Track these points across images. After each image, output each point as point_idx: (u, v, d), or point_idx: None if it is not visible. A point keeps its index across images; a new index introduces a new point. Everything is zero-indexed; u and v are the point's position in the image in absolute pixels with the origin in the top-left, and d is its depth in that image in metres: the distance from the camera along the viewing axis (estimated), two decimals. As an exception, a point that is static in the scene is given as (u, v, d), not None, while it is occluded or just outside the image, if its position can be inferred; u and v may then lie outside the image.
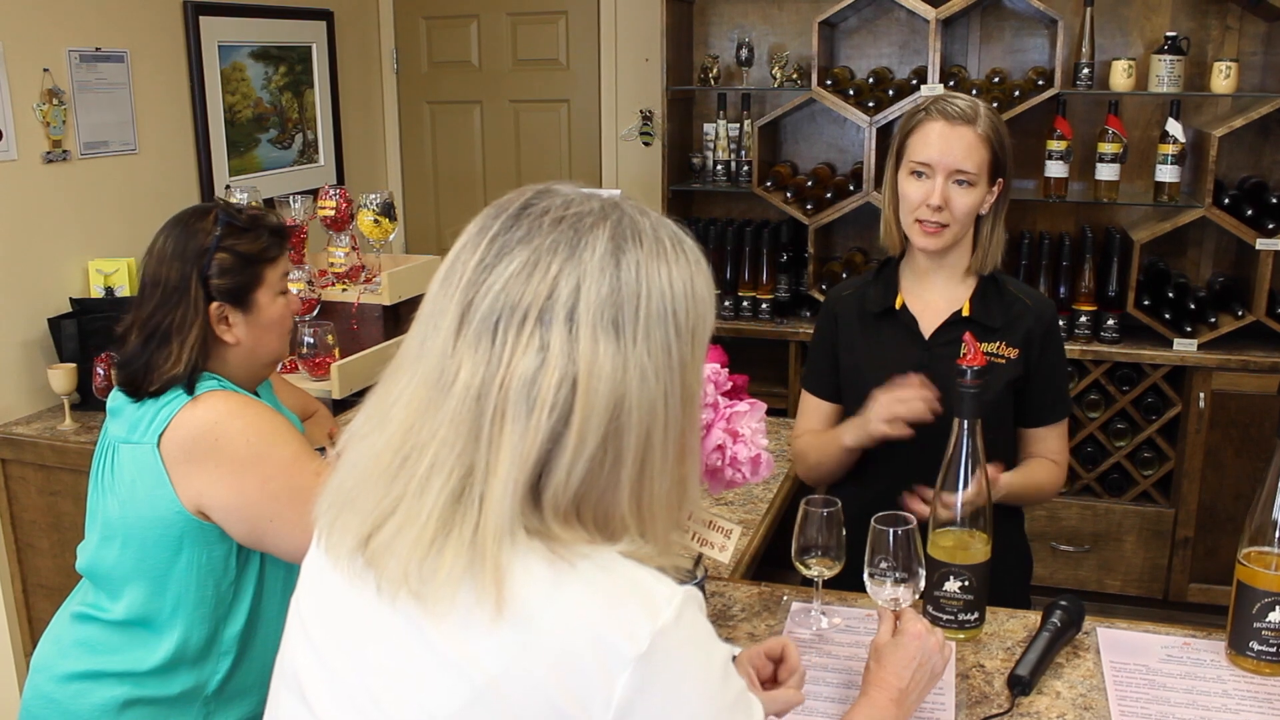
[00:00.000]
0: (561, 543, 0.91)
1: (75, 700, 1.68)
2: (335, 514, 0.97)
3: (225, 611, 1.72)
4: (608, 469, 0.91)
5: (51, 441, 2.83)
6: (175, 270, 1.70)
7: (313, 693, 1.00)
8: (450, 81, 4.69)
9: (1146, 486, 3.72)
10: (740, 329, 3.94)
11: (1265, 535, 1.47)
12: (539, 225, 0.93)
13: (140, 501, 1.67)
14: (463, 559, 0.89)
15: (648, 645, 0.88)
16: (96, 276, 3.12)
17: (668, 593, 0.91)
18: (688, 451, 0.98)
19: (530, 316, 0.89)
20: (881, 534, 1.47)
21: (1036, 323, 1.94)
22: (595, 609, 0.90)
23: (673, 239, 0.97)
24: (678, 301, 0.93)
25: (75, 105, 3.09)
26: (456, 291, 0.93)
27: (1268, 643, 1.48)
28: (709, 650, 0.94)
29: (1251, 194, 3.58)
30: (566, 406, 0.89)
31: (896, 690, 1.31)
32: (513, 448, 0.89)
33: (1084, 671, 1.52)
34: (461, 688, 0.90)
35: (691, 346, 0.95)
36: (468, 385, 0.90)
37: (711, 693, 0.93)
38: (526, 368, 0.89)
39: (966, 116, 1.84)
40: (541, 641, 0.89)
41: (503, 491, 0.89)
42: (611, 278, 0.91)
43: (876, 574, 1.47)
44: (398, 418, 0.93)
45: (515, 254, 0.92)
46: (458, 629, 0.90)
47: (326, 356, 2.76)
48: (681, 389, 0.94)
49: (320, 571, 1.04)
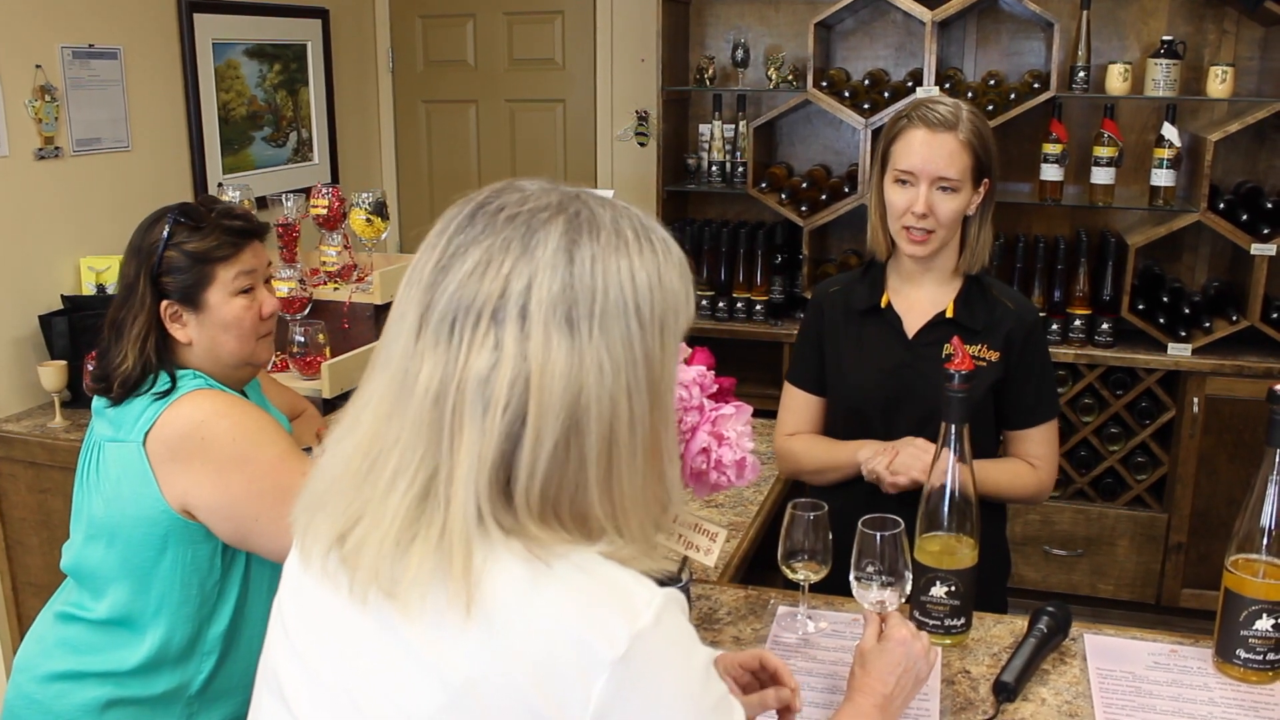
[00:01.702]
0: (539, 543, 0.90)
1: (57, 700, 1.68)
2: (309, 517, 0.97)
3: (209, 611, 1.71)
4: (573, 467, 0.90)
5: (42, 439, 2.83)
6: (130, 268, 1.71)
7: (292, 694, 1.00)
8: (446, 81, 4.69)
9: (1140, 491, 3.72)
10: (734, 330, 3.94)
11: (1253, 542, 1.47)
12: (493, 223, 0.92)
13: (125, 500, 1.66)
14: (429, 561, 0.89)
15: (626, 649, 0.87)
16: (88, 274, 3.12)
17: (647, 595, 0.91)
18: (663, 448, 0.97)
19: (484, 316, 0.89)
20: (869, 538, 1.46)
21: (1018, 325, 1.94)
22: (572, 611, 0.89)
23: (637, 230, 0.94)
24: (640, 294, 0.92)
25: (68, 102, 3.09)
26: (416, 293, 0.93)
27: (1255, 651, 1.47)
28: (689, 653, 0.93)
29: (1247, 199, 3.58)
30: (521, 404, 0.88)
31: (881, 696, 1.30)
32: (470, 448, 0.88)
33: (1070, 678, 1.51)
34: (438, 690, 0.90)
35: (660, 340, 0.94)
36: (427, 387, 0.90)
37: (692, 696, 0.92)
38: (481, 367, 0.88)
39: (948, 123, 1.84)
40: (518, 645, 0.88)
41: (465, 493, 0.89)
42: (564, 273, 0.90)
43: (863, 577, 1.47)
44: (366, 421, 0.94)
45: (470, 253, 0.91)
46: (431, 630, 0.90)
47: (317, 355, 2.75)
48: (648, 384, 0.93)
49: (299, 574, 1.03)
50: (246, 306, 1.74)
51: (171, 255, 1.69)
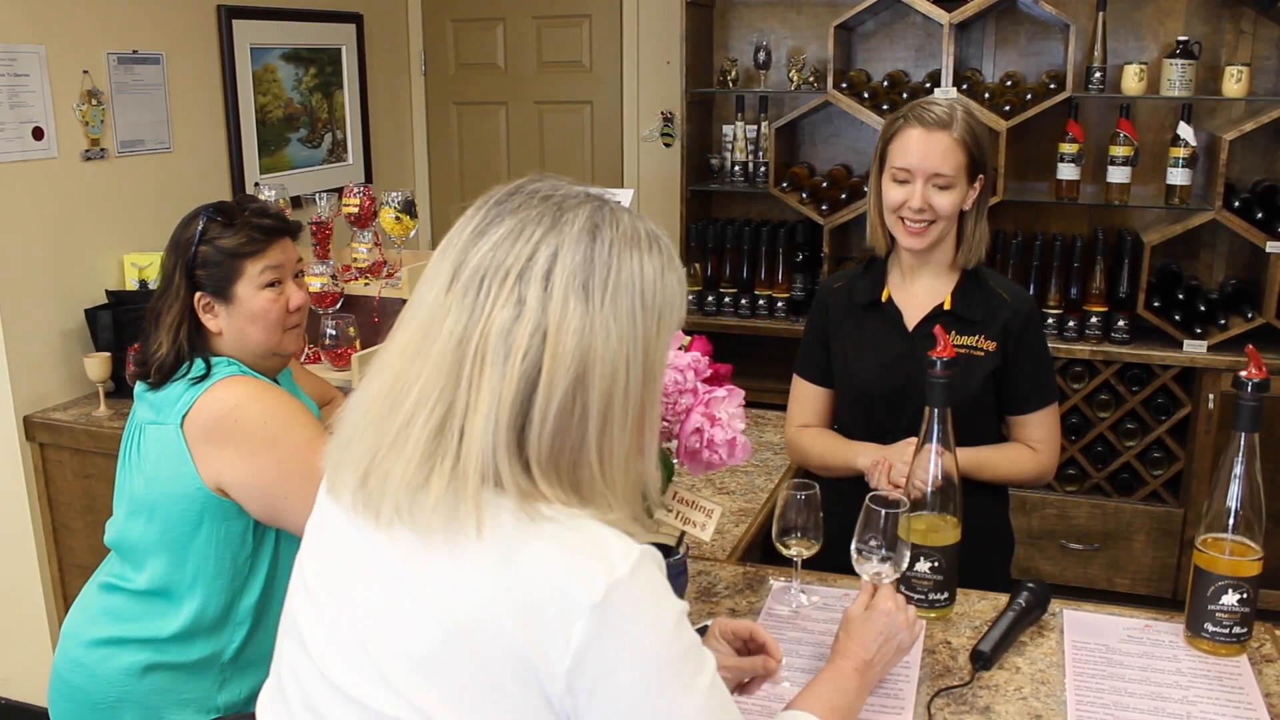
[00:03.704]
0: (534, 500, 1.01)
1: (101, 665, 1.78)
2: (339, 454, 1.09)
3: (241, 583, 1.82)
4: (576, 419, 1.01)
5: (87, 427, 2.95)
6: (169, 261, 1.83)
7: (309, 635, 1.11)
8: (476, 83, 4.80)
9: (1156, 486, 3.76)
10: (756, 327, 4.02)
11: (1221, 522, 1.54)
12: (529, 201, 1.05)
13: (164, 479, 1.77)
14: (446, 491, 1.00)
15: (603, 596, 0.97)
16: (131, 270, 3.25)
17: (625, 549, 1.01)
18: (647, 424, 1.08)
19: (511, 275, 1.01)
20: (874, 513, 1.53)
21: (1014, 316, 2.02)
22: (557, 560, 0.99)
23: (649, 235, 1.07)
24: (646, 282, 1.04)
25: (113, 105, 3.22)
26: (451, 253, 1.05)
27: (1222, 624, 1.54)
28: (662, 604, 1.03)
29: (1263, 197, 3.61)
30: (538, 354, 1.00)
31: (862, 660, 1.38)
32: (492, 388, 0.99)
33: (1046, 649, 1.59)
34: (436, 628, 1.00)
35: (657, 326, 1.05)
36: (451, 332, 1.01)
37: (662, 642, 1.01)
38: (504, 319, 1.00)
39: (942, 122, 1.92)
40: (509, 590, 0.98)
41: (484, 426, 0.99)
42: (586, 249, 1.02)
43: (865, 550, 1.53)
44: (391, 364, 1.05)
45: (505, 222, 1.04)
46: (444, 561, 1.00)
47: (348, 348, 2.87)
48: (643, 360, 1.04)
49: (321, 523, 1.15)
50: (273, 299, 1.83)
51: (204, 250, 1.80)
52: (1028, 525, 3.84)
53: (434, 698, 1.01)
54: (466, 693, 1.00)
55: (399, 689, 1.02)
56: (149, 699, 1.78)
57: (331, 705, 1.08)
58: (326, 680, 1.08)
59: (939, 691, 1.48)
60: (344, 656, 1.07)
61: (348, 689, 1.06)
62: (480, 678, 0.99)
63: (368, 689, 1.04)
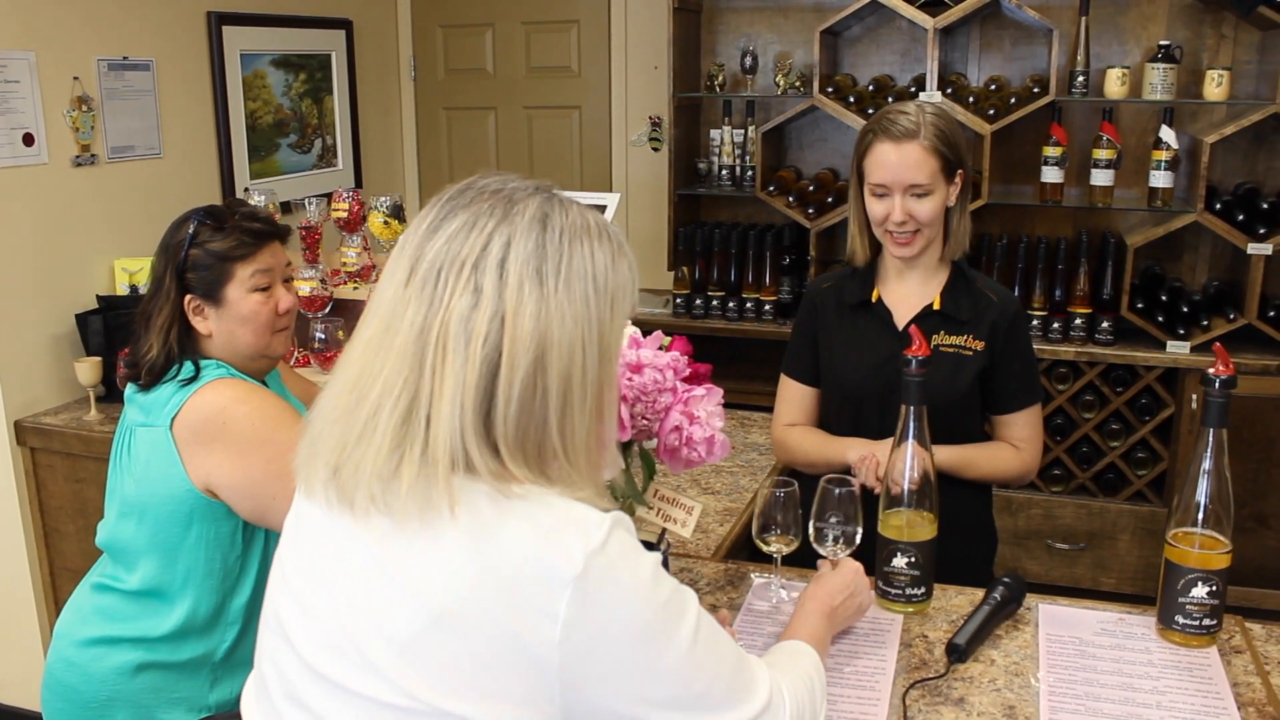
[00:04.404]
0: (505, 480, 1.04)
1: (94, 664, 1.80)
2: (308, 451, 1.11)
3: (232, 584, 1.84)
4: (538, 399, 1.05)
5: (78, 431, 2.97)
6: (159, 264, 1.85)
7: (291, 627, 1.14)
8: (466, 88, 4.83)
9: (1140, 486, 3.80)
10: (744, 330, 4.06)
11: (1190, 517, 1.57)
12: (480, 196, 1.10)
13: (154, 480, 1.79)
14: (418, 477, 1.03)
15: (583, 566, 1.01)
16: (121, 275, 3.27)
17: (597, 518, 1.05)
18: (605, 409, 1.12)
19: (467, 266, 1.05)
20: (829, 493, 1.67)
21: (1001, 316, 2.05)
22: (535, 539, 1.02)
23: (599, 224, 1.12)
24: (598, 268, 1.09)
25: (103, 111, 3.25)
26: (408, 249, 1.09)
27: (1192, 617, 1.57)
28: (638, 561, 1.07)
29: (1244, 200, 3.65)
30: (498, 338, 1.03)
31: (829, 606, 1.51)
32: (455, 374, 1.03)
33: (1021, 642, 1.62)
34: (419, 613, 1.03)
35: (610, 310, 1.10)
36: (412, 323, 1.05)
37: (645, 596, 1.06)
38: (463, 307, 1.04)
39: (910, 132, 1.94)
40: (490, 572, 1.02)
41: (450, 411, 1.03)
42: (538, 237, 1.07)
43: (824, 527, 1.67)
44: (356, 359, 1.08)
45: (457, 217, 1.08)
46: (421, 546, 1.04)
47: (337, 351, 2.90)
48: (599, 343, 1.08)
49: (298, 518, 1.18)
50: (263, 302, 1.86)
51: (195, 253, 1.82)
52: (1014, 525, 3.87)
53: (420, 680, 1.04)
54: (453, 672, 1.03)
55: (384, 673, 1.05)
56: (141, 698, 1.80)
57: (315, 694, 1.10)
58: (310, 669, 1.11)
59: (914, 683, 1.51)
60: (327, 645, 1.09)
61: (332, 676, 1.08)
62: (468, 657, 1.02)
63: (353, 675, 1.07)
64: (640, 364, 1.49)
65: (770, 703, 1.15)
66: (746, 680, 1.14)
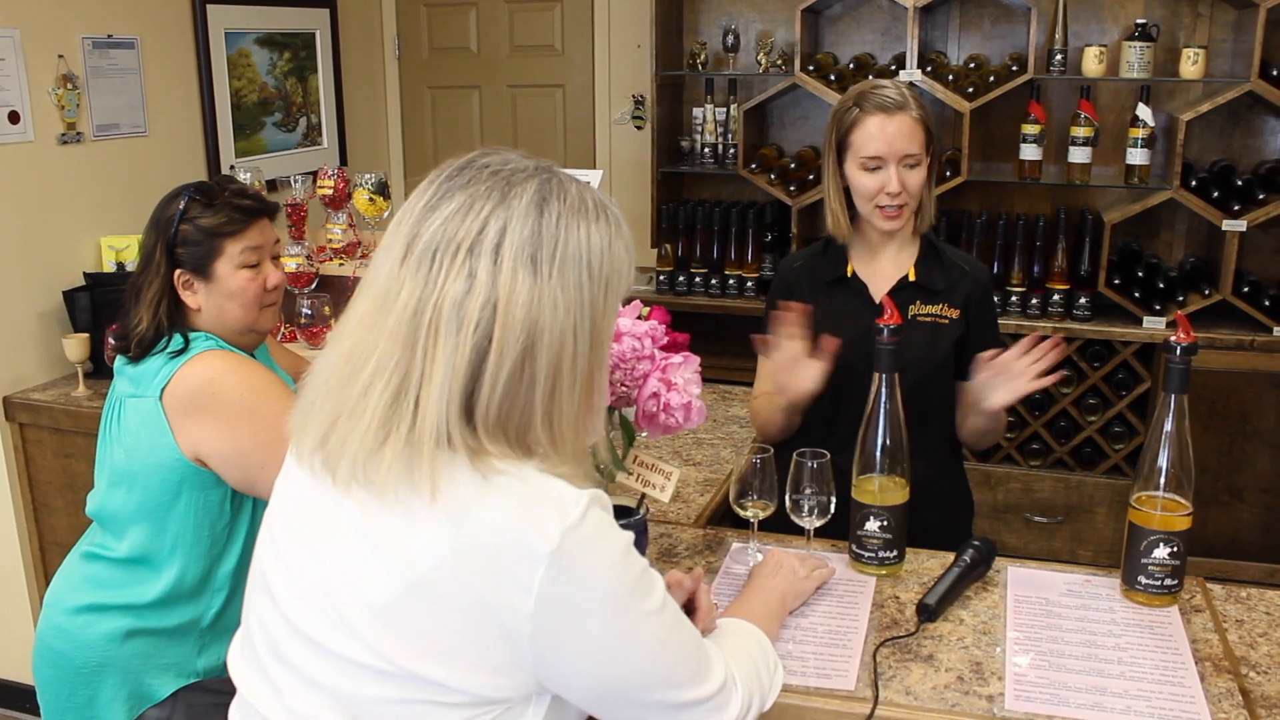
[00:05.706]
0: (484, 456, 1.07)
1: (84, 630, 1.84)
2: (301, 419, 1.14)
3: (220, 551, 1.88)
4: (525, 386, 1.07)
5: (66, 407, 3.00)
6: (150, 238, 1.87)
7: (276, 586, 1.18)
8: (450, 67, 4.85)
9: (1118, 460, 3.85)
10: (727, 306, 4.09)
11: (1153, 481, 1.62)
12: (479, 176, 1.10)
13: (144, 449, 1.82)
14: (400, 455, 1.05)
15: (559, 542, 1.04)
16: (108, 252, 3.29)
17: (575, 495, 1.08)
18: (595, 387, 1.14)
19: (462, 249, 1.06)
20: (803, 465, 1.71)
21: (974, 285, 2.11)
22: (512, 512, 1.06)
23: (597, 204, 1.13)
24: (593, 252, 1.10)
25: (88, 89, 3.26)
26: (405, 226, 1.10)
27: (1154, 577, 1.63)
28: (612, 540, 1.10)
29: (1220, 177, 3.70)
30: (489, 325, 1.05)
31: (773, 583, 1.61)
32: (446, 358, 1.05)
33: (989, 603, 1.67)
34: (396, 580, 1.07)
35: (604, 294, 1.11)
36: (406, 304, 1.07)
37: (617, 574, 1.09)
38: (457, 291, 1.05)
39: (900, 104, 1.99)
40: (468, 544, 1.05)
41: (439, 395, 1.05)
42: (534, 222, 1.07)
43: (799, 498, 1.72)
44: (349, 334, 1.11)
45: (455, 197, 1.09)
46: (399, 518, 1.07)
47: (323, 327, 2.92)
48: (591, 328, 1.10)
49: (287, 481, 1.21)
50: (251, 278, 1.89)
51: (185, 229, 1.85)
52: (992, 499, 3.93)
53: (396, 644, 1.07)
54: (428, 639, 1.07)
55: (361, 636, 1.09)
56: (130, 663, 1.84)
57: (297, 650, 1.14)
58: (293, 627, 1.15)
59: (885, 641, 1.56)
60: (309, 605, 1.13)
61: (312, 635, 1.12)
62: (442, 625, 1.06)
63: (331, 635, 1.11)
64: (620, 332, 1.53)
65: (725, 684, 1.20)
66: (705, 662, 1.19)
